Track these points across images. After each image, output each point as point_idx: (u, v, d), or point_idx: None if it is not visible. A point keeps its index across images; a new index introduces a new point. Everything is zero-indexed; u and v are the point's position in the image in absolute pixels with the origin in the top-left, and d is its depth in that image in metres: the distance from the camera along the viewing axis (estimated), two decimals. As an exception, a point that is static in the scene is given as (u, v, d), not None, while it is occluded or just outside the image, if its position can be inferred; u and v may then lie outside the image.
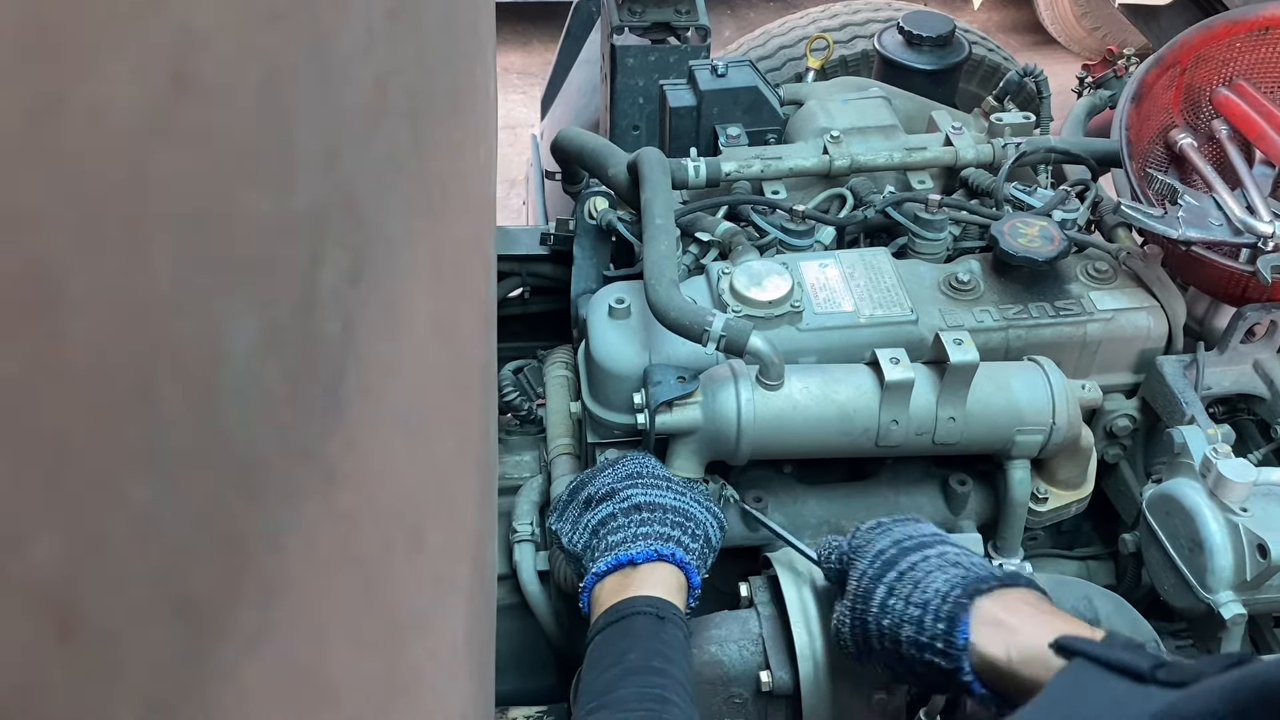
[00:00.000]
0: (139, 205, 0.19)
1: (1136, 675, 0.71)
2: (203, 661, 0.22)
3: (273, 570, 0.24)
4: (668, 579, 1.04)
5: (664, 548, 1.05)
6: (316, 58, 0.23)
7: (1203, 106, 1.51)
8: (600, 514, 1.10)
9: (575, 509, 1.14)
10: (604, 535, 1.08)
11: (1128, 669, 0.72)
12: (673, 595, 1.02)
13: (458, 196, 0.47)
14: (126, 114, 0.18)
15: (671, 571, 1.05)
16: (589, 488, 1.14)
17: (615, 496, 1.11)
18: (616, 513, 1.09)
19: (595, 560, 1.07)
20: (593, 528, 1.10)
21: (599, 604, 1.03)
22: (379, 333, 0.28)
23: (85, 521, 0.19)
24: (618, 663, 0.94)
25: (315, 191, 0.24)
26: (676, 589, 1.04)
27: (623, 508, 1.09)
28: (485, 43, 0.58)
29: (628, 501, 1.10)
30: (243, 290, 0.22)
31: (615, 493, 1.11)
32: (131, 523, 0.20)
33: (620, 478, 1.14)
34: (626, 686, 0.91)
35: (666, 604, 1.00)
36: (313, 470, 0.25)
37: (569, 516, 1.15)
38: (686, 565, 1.06)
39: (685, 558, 1.06)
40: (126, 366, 0.19)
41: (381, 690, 0.29)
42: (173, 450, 0.21)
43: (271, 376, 0.23)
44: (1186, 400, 1.29)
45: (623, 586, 1.03)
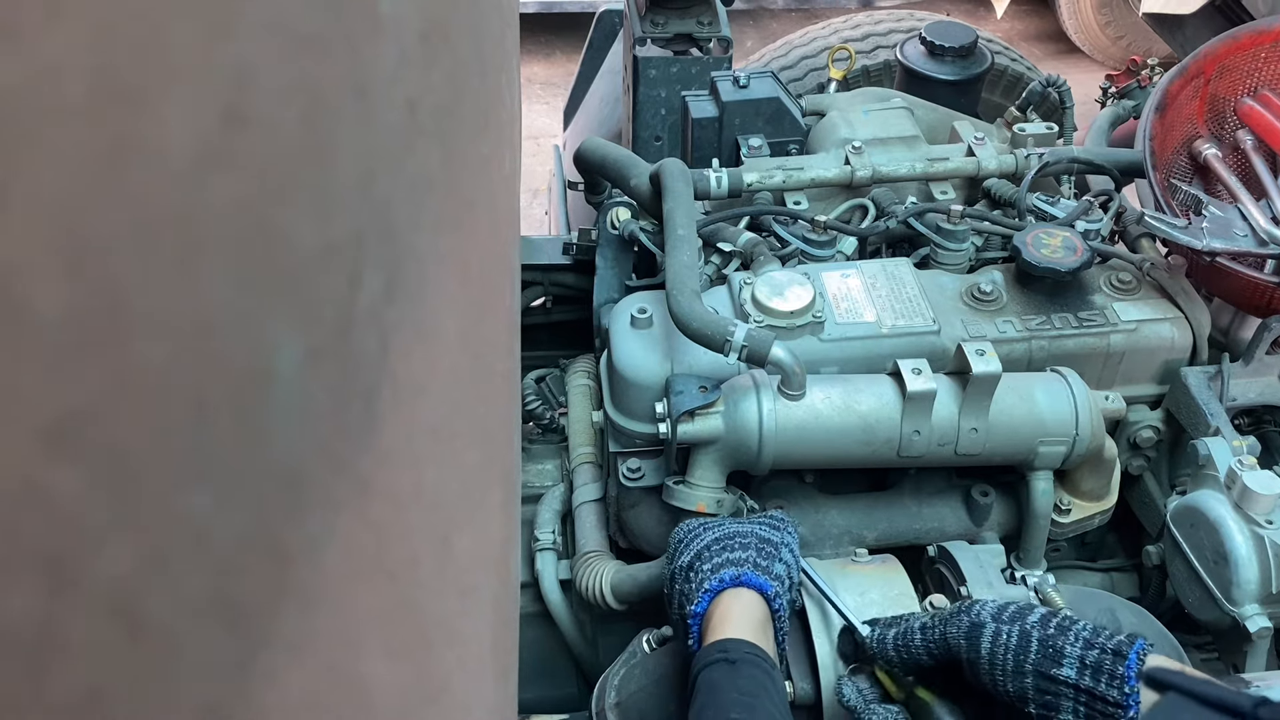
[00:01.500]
0: (194, 234, 0.20)
1: (1237, 713, 0.69)
2: (250, 665, 0.23)
3: (312, 579, 0.25)
4: (733, 610, 1.00)
5: (711, 583, 1.01)
6: (353, 84, 0.24)
7: (1227, 117, 1.50)
8: (674, 602, 1.06)
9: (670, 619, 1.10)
10: (682, 615, 1.04)
11: (1227, 705, 0.70)
12: (743, 623, 0.98)
13: (484, 210, 0.48)
14: (182, 150, 0.19)
15: (734, 597, 1.00)
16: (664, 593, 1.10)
17: (675, 578, 1.07)
18: (679, 589, 1.05)
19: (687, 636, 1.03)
20: (678, 619, 1.06)
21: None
22: (411, 348, 0.29)
23: (150, 530, 0.20)
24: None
25: (353, 214, 0.24)
26: (745, 614, 0.99)
27: (681, 579, 1.06)
28: (510, 55, 0.59)
29: (680, 571, 1.06)
30: (288, 311, 0.23)
31: (674, 575, 1.08)
32: (189, 532, 0.21)
33: (669, 559, 1.10)
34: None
35: (736, 644, 0.96)
36: (348, 482, 0.26)
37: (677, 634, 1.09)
38: (740, 579, 1.01)
39: (734, 573, 1.02)
40: (187, 386, 0.20)
41: (413, 697, 0.30)
42: (225, 464, 0.22)
43: (314, 393, 0.24)
44: (1211, 411, 1.28)
45: (704, 639, 0.99)
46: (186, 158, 0.19)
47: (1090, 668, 0.84)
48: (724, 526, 1.09)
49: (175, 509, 0.21)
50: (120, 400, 0.19)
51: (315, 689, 0.25)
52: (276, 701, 0.23)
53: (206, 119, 0.19)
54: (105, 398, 0.19)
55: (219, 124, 0.20)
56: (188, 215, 0.19)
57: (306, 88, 0.22)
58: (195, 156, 0.19)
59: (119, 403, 0.19)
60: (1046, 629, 0.87)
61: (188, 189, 0.19)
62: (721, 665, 0.93)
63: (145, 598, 0.20)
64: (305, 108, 0.22)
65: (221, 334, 0.21)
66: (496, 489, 0.47)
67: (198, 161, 0.20)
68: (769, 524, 1.11)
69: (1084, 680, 0.84)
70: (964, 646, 0.90)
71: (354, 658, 0.27)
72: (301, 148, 0.22)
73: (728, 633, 0.97)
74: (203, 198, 0.20)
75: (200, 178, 0.20)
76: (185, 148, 0.19)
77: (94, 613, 0.19)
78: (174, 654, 0.21)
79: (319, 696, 0.25)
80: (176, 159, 0.19)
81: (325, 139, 0.23)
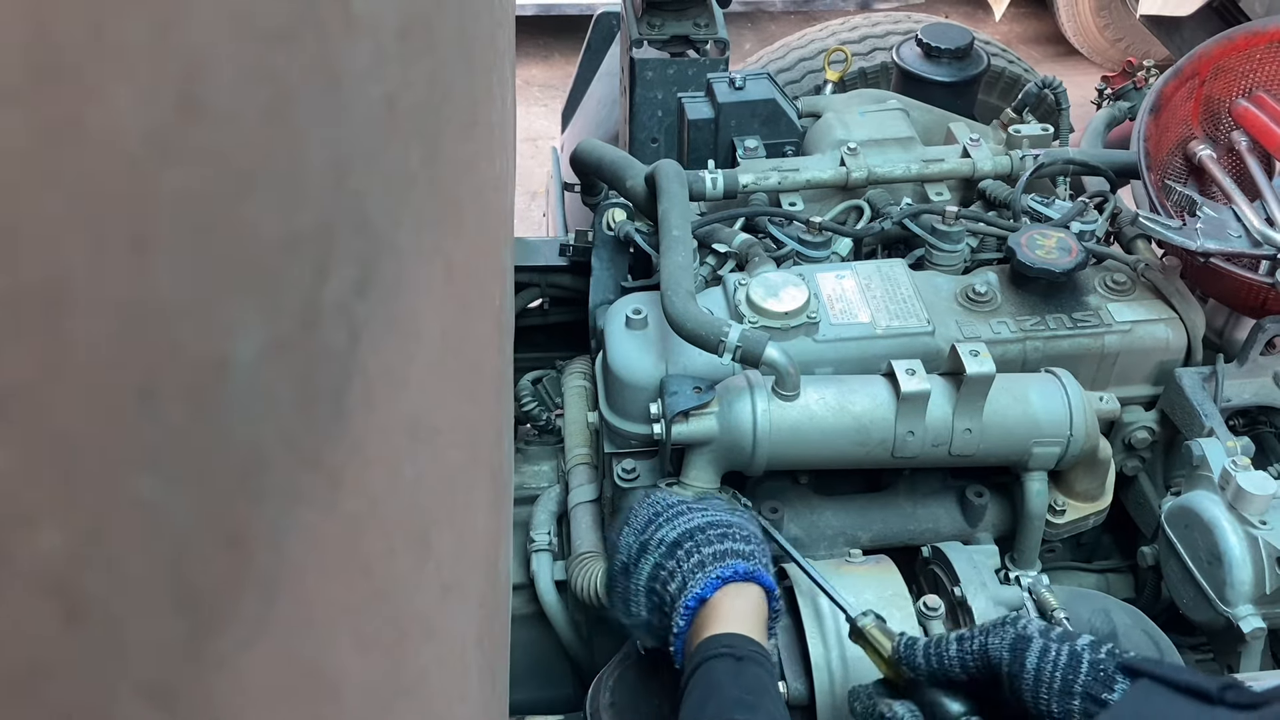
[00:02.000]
0: (144, 220, 0.20)
1: (1204, 696, 0.70)
2: (202, 651, 0.23)
3: (274, 569, 0.25)
4: (739, 605, 0.98)
5: (722, 570, 0.98)
6: (325, 79, 0.24)
7: (1222, 118, 1.50)
8: (644, 572, 1.03)
9: (619, 584, 1.07)
10: (660, 589, 1.02)
11: (1195, 690, 0.70)
12: (749, 620, 0.96)
13: (472, 209, 0.48)
14: (133, 135, 0.19)
15: (739, 591, 0.98)
16: (617, 558, 1.07)
17: (648, 548, 1.04)
18: (658, 562, 1.03)
19: (671, 618, 1.00)
20: (645, 589, 1.03)
21: (688, 652, 0.97)
22: (386, 344, 0.29)
23: (91, 512, 0.20)
24: (696, 717, 0.89)
25: (323, 208, 0.25)
26: (753, 611, 0.98)
27: (660, 553, 1.03)
28: (503, 55, 0.59)
29: (662, 545, 1.03)
30: (247, 301, 0.23)
31: (646, 545, 1.04)
32: (136, 516, 0.21)
33: (641, 528, 1.06)
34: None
35: (743, 640, 0.94)
36: (316, 475, 0.26)
37: (617, 595, 1.07)
38: (753, 574, 0.99)
39: (746, 566, 0.99)
40: (131, 369, 0.20)
41: (385, 690, 0.30)
42: (177, 450, 0.22)
43: (276, 384, 0.24)
44: (1206, 412, 1.28)
45: (701, 627, 0.97)
46: (136, 143, 0.19)
47: None
48: (713, 512, 1.06)
49: (121, 491, 0.21)
50: (56, 380, 0.19)
51: (276, 677, 0.25)
52: (231, 687, 0.23)
53: (158, 106, 0.20)
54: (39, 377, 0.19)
55: (173, 112, 0.20)
56: (138, 200, 0.19)
57: (271, 80, 0.22)
58: (146, 143, 0.19)
59: (55, 382, 0.19)
60: (1097, 653, 0.85)
61: (138, 174, 0.19)
62: (727, 660, 0.92)
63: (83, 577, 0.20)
64: (269, 100, 0.22)
65: (174, 320, 0.21)
66: (483, 488, 0.47)
67: (149, 148, 0.20)
68: (747, 516, 1.10)
69: None
70: (1006, 660, 0.87)
71: (321, 648, 0.27)
72: (265, 139, 0.22)
73: (732, 627, 0.95)
74: (155, 184, 0.20)
75: (152, 164, 0.20)
76: (134, 133, 0.19)
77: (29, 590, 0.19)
78: (115, 634, 0.21)
79: (280, 685, 0.25)
80: (125, 144, 0.19)
81: (292, 131, 0.23)
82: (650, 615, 1.03)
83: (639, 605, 1.04)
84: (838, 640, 1.08)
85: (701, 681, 0.91)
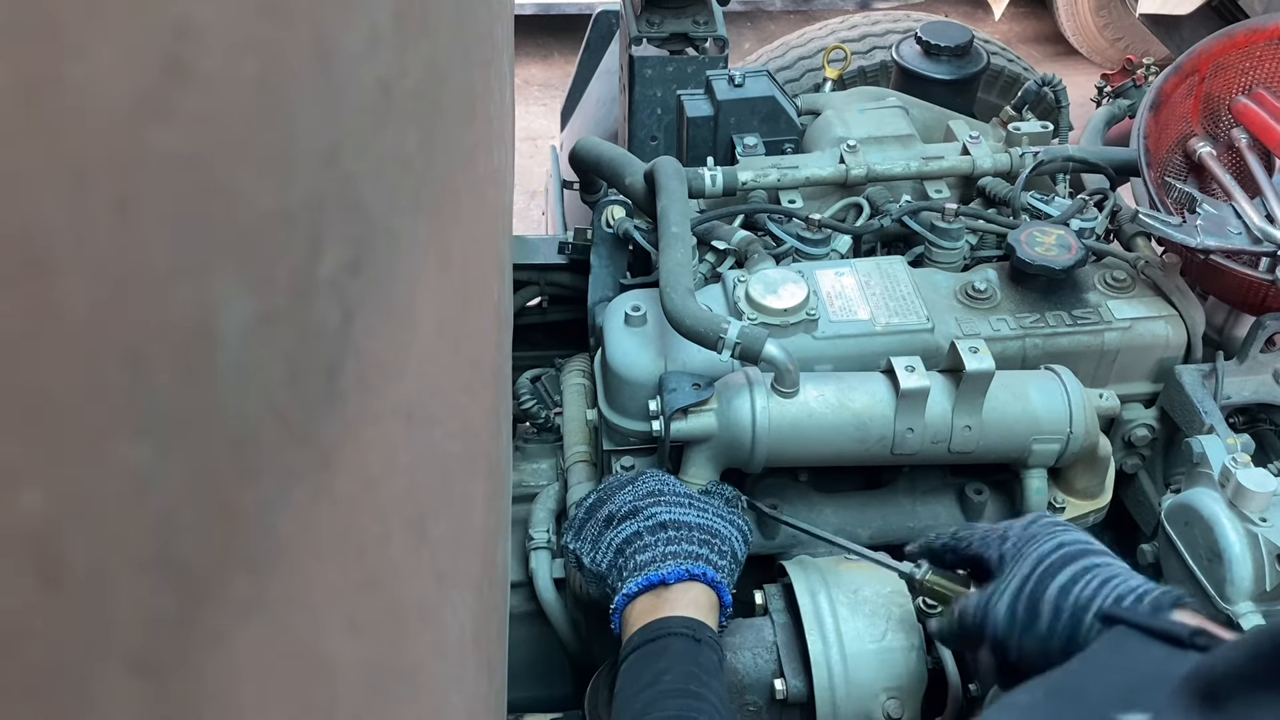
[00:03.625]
0: (129, 181, 0.19)
1: (1176, 641, 0.73)
2: (193, 623, 0.22)
3: (266, 545, 0.24)
4: (699, 599, 1.02)
5: (695, 567, 1.03)
6: (318, 56, 0.24)
7: (1222, 115, 1.50)
8: (624, 532, 1.08)
9: (594, 527, 1.12)
10: (631, 555, 1.07)
11: (1167, 635, 0.73)
12: (705, 615, 1.01)
13: (470, 200, 0.48)
14: (118, 95, 0.19)
15: (703, 591, 1.03)
16: (609, 505, 1.12)
17: (639, 514, 1.09)
18: (642, 531, 1.07)
19: (624, 580, 1.05)
20: (617, 546, 1.08)
21: (630, 624, 1.02)
22: (380, 327, 0.29)
23: (73, 476, 0.20)
24: (653, 684, 0.93)
25: (314, 183, 0.24)
26: (709, 609, 1.02)
27: (648, 526, 1.07)
28: (501, 50, 0.59)
29: (653, 519, 1.08)
30: (237, 270, 0.22)
31: (638, 510, 1.09)
32: (122, 482, 0.21)
33: (641, 495, 1.12)
34: (663, 709, 0.91)
35: (702, 626, 0.99)
36: (308, 454, 0.26)
37: (588, 535, 1.12)
38: (718, 584, 1.04)
39: (716, 576, 1.04)
40: (117, 332, 0.20)
41: (378, 675, 0.30)
42: (166, 418, 0.21)
43: (267, 358, 0.24)
44: (1205, 410, 1.28)
45: (655, 606, 1.02)
46: (121, 103, 0.19)
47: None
48: (708, 518, 1.10)
49: (108, 455, 0.20)
50: (38, 336, 0.19)
51: (268, 656, 0.25)
52: (222, 663, 0.23)
53: (144, 67, 0.19)
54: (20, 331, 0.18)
55: (159, 74, 0.20)
56: (122, 159, 0.19)
57: (261, 51, 0.22)
58: (132, 102, 0.19)
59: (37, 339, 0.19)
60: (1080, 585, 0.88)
61: (122, 133, 0.19)
62: (687, 639, 0.97)
63: (66, 542, 0.20)
64: (260, 71, 0.22)
65: (159, 285, 0.20)
66: (480, 481, 0.47)
67: (135, 108, 0.19)
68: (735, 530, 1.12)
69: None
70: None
71: (314, 630, 0.27)
72: (256, 109, 0.22)
73: (691, 614, 1.00)
74: (140, 144, 0.20)
75: (137, 124, 0.19)
76: (118, 92, 0.19)
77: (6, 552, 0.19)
78: (99, 604, 0.20)
79: (272, 663, 0.25)
80: (107, 102, 0.19)
81: (283, 105, 0.23)
82: (608, 570, 1.09)
83: (604, 557, 1.09)
84: (836, 637, 1.08)
85: (659, 651, 0.96)
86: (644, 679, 0.94)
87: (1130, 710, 0.64)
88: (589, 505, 1.15)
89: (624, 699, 0.94)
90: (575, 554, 1.12)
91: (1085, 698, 0.69)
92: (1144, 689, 0.66)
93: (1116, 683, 0.69)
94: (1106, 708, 0.65)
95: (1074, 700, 0.69)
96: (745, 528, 1.13)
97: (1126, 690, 0.67)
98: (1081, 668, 0.73)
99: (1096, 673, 0.71)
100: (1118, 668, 0.72)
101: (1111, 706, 0.65)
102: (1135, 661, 0.72)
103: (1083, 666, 0.73)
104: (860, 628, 1.08)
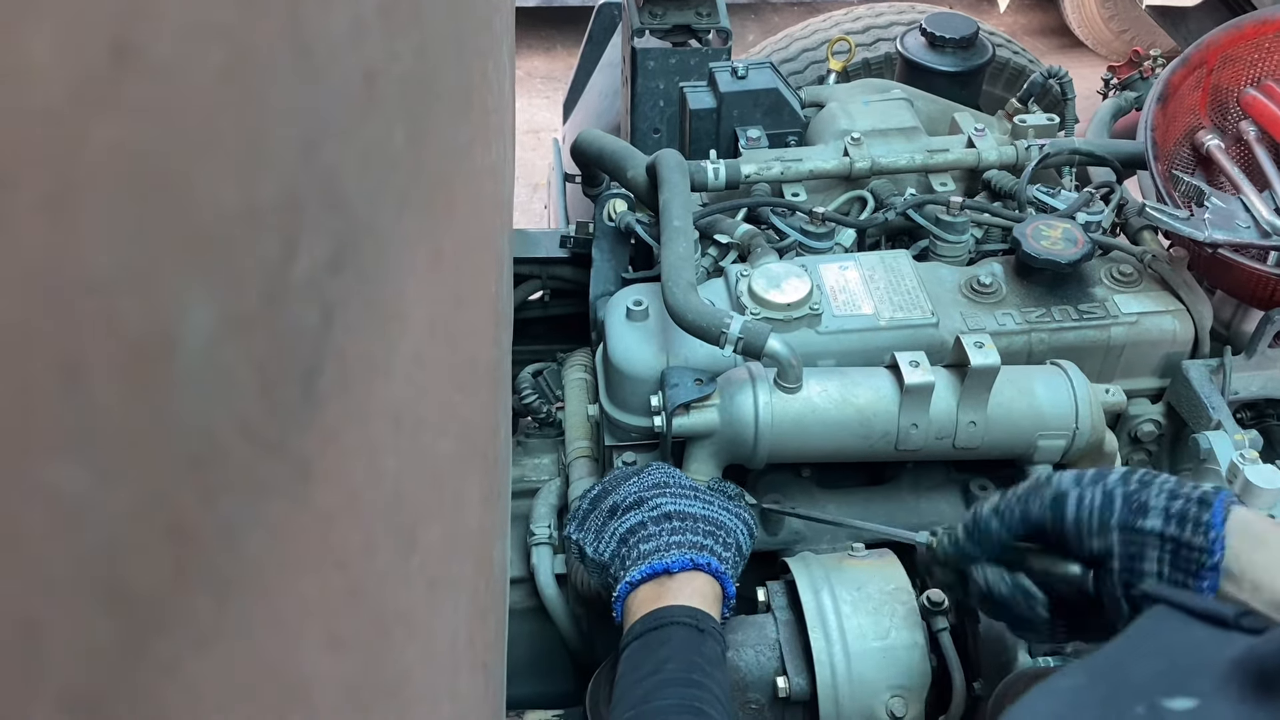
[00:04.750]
0: (70, 176, 0.18)
1: (1220, 621, 0.70)
2: (141, 655, 0.21)
3: (231, 567, 0.23)
4: (703, 589, 1.02)
5: (699, 557, 1.02)
6: (293, 43, 0.23)
7: (1230, 107, 1.48)
8: (628, 522, 1.08)
9: (599, 517, 1.11)
10: (634, 544, 1.06)
11: (1211, 615, 0.71)
12: (709, 606, 1.00)
13: (464, 195, 0.46)
14: (54, 79, 0.17)
15: (707, 581, 1.02)
16: (613, 496, 1.12)
17: (643, 505, 1.08)
18: (646, 521, 1.07)
19: (627, 569, 1.04)
20: (620, 536, 1.07)
21: (632, 613, 1.01)
22: (365, 326, 0.27)
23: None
24: (655, 672, 0.92)
25: (289, 180, 0.23)
26: (712, 599, 1.02)
27: (652, 516, 1.07)
28: (499, 41, 0.58)
29: (657, 510, 1.07)
30: (198, 273, 0.21)
31: (643, 501, 1.09)
32: (52, 509, 0.19)
33: (646, 486, 1.11)
34: (665, 697, 0.90)
35: (705, 616, 0.98)
36: (283, 466, 0.24)
37: (591, 525, 1.12)
38: (722, 575, 1.03)
39: (720, 567, 1.03)
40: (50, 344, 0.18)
41: (361, 691, 0.29)
42: (107, 437, 0.20)
43: (234, 365, 0.22)
44: (1213, 405, 1.27)
45: (658, 595, 1.01)
46: (58, 89, 0.18)
47: (1175, 517, 0.84)
48: (713, 510, 1.10)
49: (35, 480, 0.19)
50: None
51: (235, 680, 0.24)
52: (178, 694, 0.22)
53: (87, 51, 0.18)
54: None
55: (105, 59, 0.18)
56: (56, 155, 0.18)
57: (228, 37, 0.20)
58: (71, 89, 0.18)
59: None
60: (1129, 485, 0.87)
61: (58, 125, 0.18)
62: (690, 629, 0.96)
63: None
64: (226, 58, 0.21)
65: (106, 291, 0.19)
66: (475, 481, 0.46)
67: (77, 94, 0.18)
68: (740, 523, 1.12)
69: (1170, 529, 0.84)
70: (1049, 518, 0.89)
71: (287, 649, 0.25)
72: (219, 100, 0.21)
73: (695, 605, 0.99)
74: (84, 136, 0.18)
75: (80, 113, 0.18)
76: (56, 77, 0.18)
77: None
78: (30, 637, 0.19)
79: (240, 688, 0.24)
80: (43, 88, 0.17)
81: (251, 96, 0.22)
82: (610, 560, 1.07)
83: (607, 546, 1.08)
84: (840, 634, 1.07)
85: (662, 640, 0.95)
86: (646, 667, 0.93)
87: (1176, 695, 0.62)
88: (593, 496, 1.15)
89: (625, 686, 0.93)
90: (578, 544, 1.12)
91: (1129, 681, 0.67)
92: (1190, 673, 0.64)
93: (1160, 666, 0.67)
94: (1152, 692, 0.63)
95: (1118, 684, 0.67)
96: (750, 521, 1.13)
97: (1171, 674, 0.65)
98: (1122, 649, 0.71)
99: (1139, 655, 0.69)
100: (1160, 650, 0.70)
101: (1157, 691, 0.63)
102: (1177, 642, 0.70)
103: (1123, 647, 0.71)
104: (864, 625, 1.07)
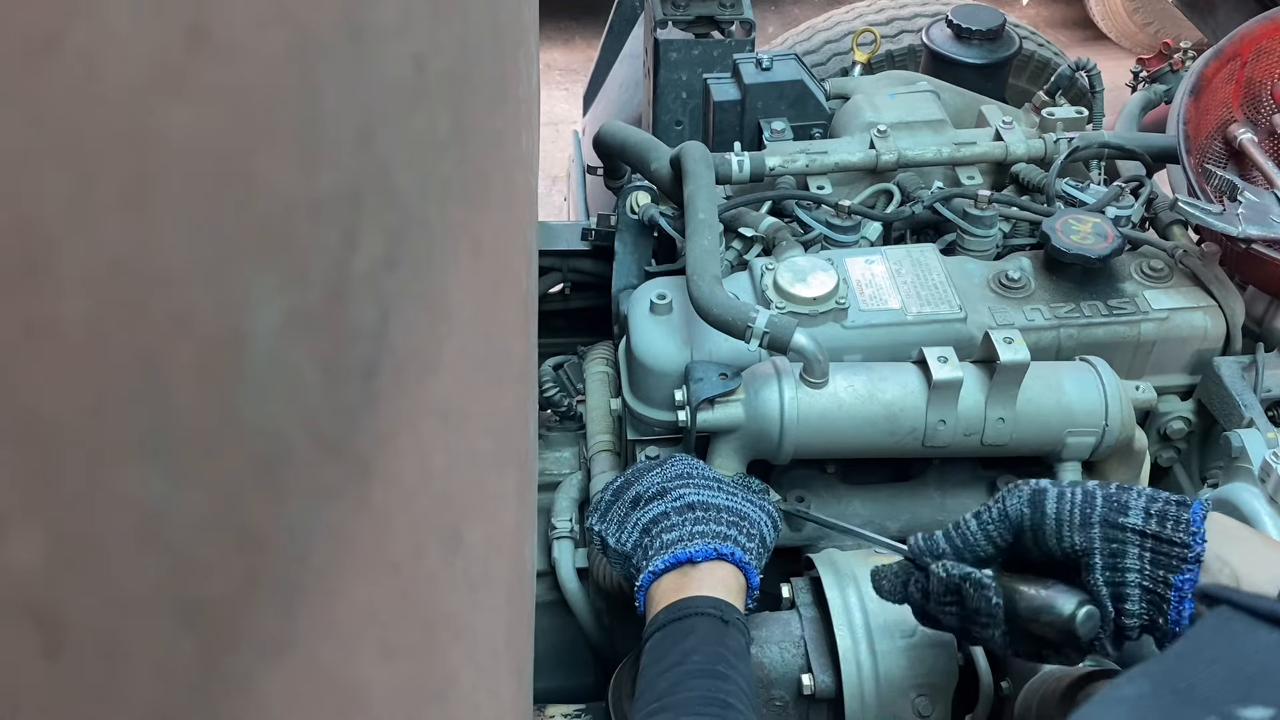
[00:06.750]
0: (143, 165, 0.17)
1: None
2: (215, 672, 0.20)
3: (298, 574, 0.22)
4: (727, 579, 1.01)
5: (723, 546, 1.02)
6: (348, 28, 0.22)
7: (1263, 100, 1.46)
8: (651, 512, 1.07)
9: (621, 508, 1.11)
10: (657, 534, 1.05)
11: (1277, 618, 0.69)
12: (733, 596, 1.00)
13: (499, 186, 0.46)
14: (132, 63, 0.17)
15: (731, 572, 1.02)
16: (636, 487, 1.11)
17: (667, 495, 1.08)
18: (669, 511, 1.06)
19: (650, 559, 1.03)
20: (644, 526, 1.07)
21: (656, 603, 1.00)
22: (417, 322, 0.27)
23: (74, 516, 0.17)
24: (680, 663, 0.92)
25: (348, 168, 0.22)
26: (736, 590, 1.01)
27: (675, 506, 1.06)
28: (528, 32, 0.57)
29: (680, 500, 1.07)
30: (268, 266, 0.20)
31: (666, 492, 1.08)
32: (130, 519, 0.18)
33: (670, 477, 1.10)
34: (690, 689, 0.89)
35: (730, 607, 0.97)
36: (344, 467, 0.24)
37: (614, 516, 1.11)
38: (746, 565, 1.03)
39: (744, 557, 1.03)
40: (128, 343, 0.17)
41: (414, 697, 0.28)
42: (183, 440, 0.19)
43: (300, 363, 0.21)
44: (1245, 402, 1.25)
45: (681, 585, 1.00)
46: (137, 73, 0.17)
47: (1155, 515, 0.86)
48: (737, 501, 1.09)
49: (112, 488, 0.18)
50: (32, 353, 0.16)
51: (300, 694, 0.23)
52: (252, 710, 0.21)
53: (165, 32, 0.17)
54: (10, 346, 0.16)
55: (183, 40, 0.17)
56: (136, 139, 0.17)
57: (289, 21, 0.20)
58: (150, 74, 0.17)
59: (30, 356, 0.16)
60: (1109, 488, 0.89)
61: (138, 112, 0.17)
62: (715, 620, 0.96)
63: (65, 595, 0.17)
64: (289, 42, 0.20)
65: (179, 285, 0.18)
66: (511, 477, 0.45)
67: (154, 80, 0.17)
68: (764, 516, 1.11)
69: (1150, 526, 0.85)
70: (1027, 514, 0.90)
71: (348, 659, 0.25)
72: (286, 86, 0.20)
73: (719, 595, 0.99)
74: (159, 122, 0.17)
75: (156, 99, 0.17)
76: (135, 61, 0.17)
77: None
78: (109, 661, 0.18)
79: (304, 702, 0.23)
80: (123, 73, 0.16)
81: (315, 81, 0.21)
82: (633, 550, 1.07)
83: (630, 535, 1.08)
84: (865, 633, 1.06)
85: (687, 630, 0.95)
86: (670, 658, 0.93)
87: (1249, 704, 0.61)
88: (615, 488, 1.14)
89: (649, 678, 0.93)
90: (600, 536, 1.11)
91: (1198, 689, 0.65)
92: (1260, 680, 0.63)
93: (1228, 674, 0.66)
94: (1222, 701, 0.62)
95: (1186, 693, 0.66)
96: (774, 515, 1.12)
97: (1241, 681, 0.64)
98: (1186, 655, 0.70)
99: (1204, 661, 0.68)
100: (1226, 656, 0.68)
101: (1227, 700, 0.62)
102: (1244, 648, 0.68)
103: (1187, 653, 0.70)
104: (890, 623, 1.06)
